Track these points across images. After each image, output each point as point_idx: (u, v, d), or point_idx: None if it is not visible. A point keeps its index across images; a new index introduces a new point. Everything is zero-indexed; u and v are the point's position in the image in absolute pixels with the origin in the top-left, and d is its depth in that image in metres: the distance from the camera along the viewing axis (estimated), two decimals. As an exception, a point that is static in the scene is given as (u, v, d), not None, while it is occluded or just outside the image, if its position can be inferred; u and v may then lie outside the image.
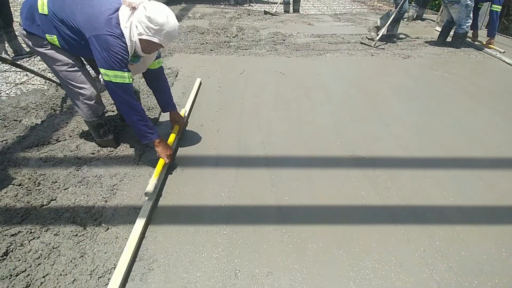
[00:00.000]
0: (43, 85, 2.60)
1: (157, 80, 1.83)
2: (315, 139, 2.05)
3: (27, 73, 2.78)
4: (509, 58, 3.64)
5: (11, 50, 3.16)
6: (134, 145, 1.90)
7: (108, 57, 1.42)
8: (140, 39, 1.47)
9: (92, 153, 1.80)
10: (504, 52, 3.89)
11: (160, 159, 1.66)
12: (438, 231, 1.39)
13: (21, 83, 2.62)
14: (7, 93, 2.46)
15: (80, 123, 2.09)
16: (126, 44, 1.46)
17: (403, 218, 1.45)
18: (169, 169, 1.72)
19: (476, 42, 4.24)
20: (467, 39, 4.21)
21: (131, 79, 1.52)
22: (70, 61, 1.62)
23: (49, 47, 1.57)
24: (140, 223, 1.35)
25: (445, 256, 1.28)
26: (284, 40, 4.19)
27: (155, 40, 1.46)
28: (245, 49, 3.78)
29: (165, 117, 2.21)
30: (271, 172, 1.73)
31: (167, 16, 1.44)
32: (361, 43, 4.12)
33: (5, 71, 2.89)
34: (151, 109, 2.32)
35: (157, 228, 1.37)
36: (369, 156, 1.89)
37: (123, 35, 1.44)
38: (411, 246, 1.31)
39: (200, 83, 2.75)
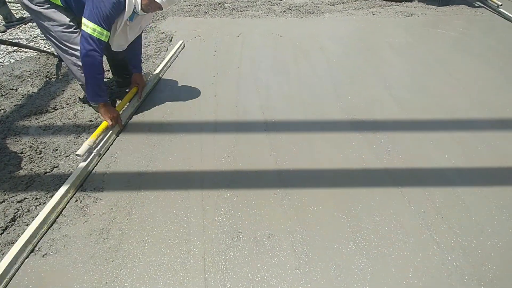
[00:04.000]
0: (36, 53, 2.32)
1: (134, 41, 1.65)
2: (314, 103, 1.84)
3: (18, 40, 2.47)
4: (507, 12, 3.17)
5: (1, 17, 2.78)
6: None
7: (95, 10, 1.31)
8: None
9: (90, 121, 1.62)
10: (501, 5, 3.38)
11: (104, 121, 1.50)
12: (438, 193, 1.27)
13: (13, 51, 2.33)
14: (0, 62, 2.19)
15: (76, 91, 1.88)
16: (120, 3, 1.34)
17: (404, 181, 1.33)
18: (170, 134, 1.57)
19: None
20: None
21: (107, 39, 1.39)
22: (67, 21, 1.43)
23: (45, 6, 1.38)
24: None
25: (445, 217, 1.17)
26: (281, 0, 3.69)
27: (158, 0, 1.38)
28: (241, 11, 3.33)
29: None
30: (271, 137, 1.57)
31: None
32: None
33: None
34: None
35: (159, 193, 1.26)
36: (369, 119, 1.70)
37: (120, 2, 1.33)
38: (411, 208, 1.21)
39: (184, 45, 2.48)
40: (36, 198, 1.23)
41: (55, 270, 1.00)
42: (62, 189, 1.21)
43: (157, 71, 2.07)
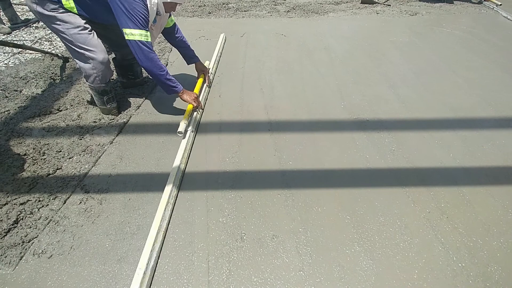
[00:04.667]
0: (40, 55, 2.34)
1: (175, 37, 1.80)
2: (318, 102, 1.84)
3: (23, 42, 2.50)
4: (506, 12, 3.16)
5: (6, 19, 2.81)
6: (134, 113, 1.74)
7: (134, 16, 1.37)
8: (164, 2, 1.47)
9: (94, 122, 1.64)
10: (501, 4, 3.37)
11: (189, 104, 1.64)
12: (443, 193, 1.26)
13: (18, 53, 2.35)
14: (5, 63, 2.21)
15: (80, 92, 1.90)
16: (147, 5, 1.41)
17: (408, 181, 1.32)
18: (171, 133, 1.58)
19: None
20: None
21: (150, 38, 1.47)
22: (82, 23, 1.46)
23: (60, 11, 1.40)
24: (169, 188, 1.23)
25: (450, 217, 1.17)
26: (285, 0, 3.69)
27: (177, 0, 1.49)
28: (245, 11, 3.34)
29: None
30: (275, 137, 1.57)
31: None
32: (362, 1, 3.58)
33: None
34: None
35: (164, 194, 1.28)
36: (373, 118, 1.70)
37: (144, 2, 1.40)
38: (416, 208, 1.20)
39: (225, 38, 2.59)
40: (39, 200, 1.23)
41: (60, 272, 1.00)
42: (168, 189, 1.23)
43: (211, 65, 2.18)
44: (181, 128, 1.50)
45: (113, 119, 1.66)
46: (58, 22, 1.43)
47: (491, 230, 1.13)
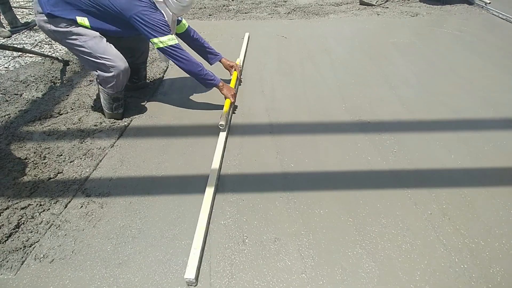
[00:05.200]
0: (41, 58, 2.36)
1: (192, 40, 1.85)
2: (319, 104, 1.85)
3: (23, 45, 2.51)
4: (495, 9, 3.20)
5: (6, 22, 2.83)
6: (135, 116, 1.75)
7: (158, 26, 1.45)
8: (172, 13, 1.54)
9: (95, 125, 1.65)
10: (489, 3, 3.39)
11: (227, 99, 1.70)
12: (445, 194, 1.27)
13: (18, 56, 2.37)
14: (5, 67, 2.23)
15: (81, 95, 1.91)
16: (164, 15, 1.50)
17: (410, 182, 1.33)
18: (177, 137, 1.59)
19: None
20: None
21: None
22: (97, 34, 1.49)
23: (74, 26, 1.44)
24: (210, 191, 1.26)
25: (452, 219, 1.17)
26: (286, 1, 3.72)
27: (179, 14, 1.58)
28: (245, 13, 3.36)
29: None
30: (276, 139, 1.58)
31: None
32: (361, 3, 3.60)
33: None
34: (151, 79, 2.10)
35: (166, 197, 1.27)
36: (375, 120, 1.71)
37: (159, 9, 1.49)
38: (418, 210, 1.21)
39: (249, 37, 2.65)
40: (40, 205, 1.24)
41: (62, 277, 1.01)
42: (209, 191, 1.26)
43: (241, 58, 2.31)
44: (223, 121, 1.56)
45: (114, 123, 1.67)
46: (74, 37, 1.47)
47: (492, 231, 1.13)
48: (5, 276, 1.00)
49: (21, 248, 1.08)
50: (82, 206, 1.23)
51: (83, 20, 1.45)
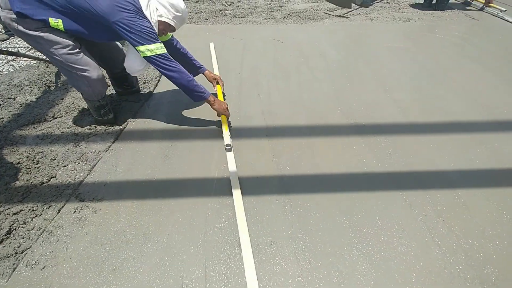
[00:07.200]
0: (35, 62, 2.34)
1: (176, 50, 1.77)
2: (315, 108, 1.87)
3: (18, 49, 2.50)
4: (510, 16, 3.27)
5: (1, 26, 2.82)
6: (130, 120, 1.74)
7: (145, 33, 1.36)
8: (159, 21, 1.46)
9: (90, 129, 1.64)
10: (505, 10, 3.45)
11: (222, 115, 1.63)
12: (439, 196, 1.28)
13: (12, 60, 2.36)
14: (-1, 71, 2.22)
15: (76, 99, 1.90)
16: (150, 22, 1.42)
17: (405, 184, 1.34)
18: (171, 141, 1.58)
19: (473, 1, 3.80)
20: None
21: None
22: (70, 42, 1.39)
23: (45, 30, 1.33)
24: (237, 193, 1.27)
25: (446, 220, 1.18)
26: (281, 6, 3.77)
27: (172, 23, 1.49)
28: (242, 17, 3.40)
29: (159, 88, 2.01)
30: (272, 142, 1.59)
31: (183, 3, 1.49)
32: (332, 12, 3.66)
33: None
34: (147, 82, 2.10)
35: (160, 201, 1.27)
36: (370, 123, 1.73)
37: (145, 16, 1.40)
38: (413, 212, 1.22)
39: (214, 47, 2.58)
40: (33, 210, 1.22)
41: (53, 284, 0.99)
42: (237, 193, 1.26)
43: (217, 70, 2.24)
44: (227, 140, 1.50)
45: (109, 126, 1.66)
46: (43, 43, 1.36)
47: (486, 232, 1.14)
48: (-5, 283, 0.98)
49: (12, 255, 1.06)
50: (75, 211, 1.22)
51: (57, 22, 1.33)
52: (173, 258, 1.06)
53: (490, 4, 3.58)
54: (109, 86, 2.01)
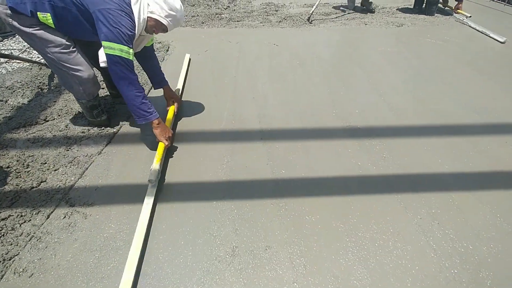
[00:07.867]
0: (28, 64, 2.30)
1: (149, 57, 1.66)
2: (310, 111, 1.86)
3: (11, 51, 2.46)
4: (474, 23, 3.33)
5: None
6: (124, 123, 1.71)
7: (117, 29, 1.26)
8: (149, 17, 1.37)
9: (82, 132, 1.60)
10: (470, 16, 3.54)
11: (160, 142, 1.43)
12: (434, 199, 1.28)
13: (5, 62, 2.31)
14: (-10, 73, 2.18)
15: (69, 102, 1.86)
16: (134, 22, 1.32)
17: (400, 187, 1.34)
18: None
19: (446, 8, 3.86)
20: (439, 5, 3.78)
21: (133, 57, 1.35)
22: (63, 41, 1.37)
23: (38, 27, 1.31)
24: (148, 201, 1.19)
25: (441, 223, 1.18)
26: (277, 10, 3.79)
27: (164, 22, 1.38)
28: (238, 21, 3.40)
29: (154, 93, 1.99)
30: (267, 146, 1.57)
31: (180, 3, 1.39)
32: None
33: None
34: (142, 85, 2.07)
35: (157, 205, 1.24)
36: (364, 126, 1.73)
37: (133, 13, 1.32)
38: (408, 215, 1.21)
39: (190, 59, 2.45)
40: (21, 215, 1.18)
41: (42, 290, 0.95)
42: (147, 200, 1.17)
43: (179, 86, 2.02)
44: (154, 175, 1.26)
45: (102, 129, 1.63)
46: (37, 40, 1.35)
47: (480, 235, 1.14)
48: (-21, 292, 0.94)
49: (0, 262, 1.02)
50: (65, 217, 1.18)
51: (45, 16, 1.29)
52: (168, 264, 1.02)
53: (458, 11, 3.67)
54: (103, 88, 2.00)
